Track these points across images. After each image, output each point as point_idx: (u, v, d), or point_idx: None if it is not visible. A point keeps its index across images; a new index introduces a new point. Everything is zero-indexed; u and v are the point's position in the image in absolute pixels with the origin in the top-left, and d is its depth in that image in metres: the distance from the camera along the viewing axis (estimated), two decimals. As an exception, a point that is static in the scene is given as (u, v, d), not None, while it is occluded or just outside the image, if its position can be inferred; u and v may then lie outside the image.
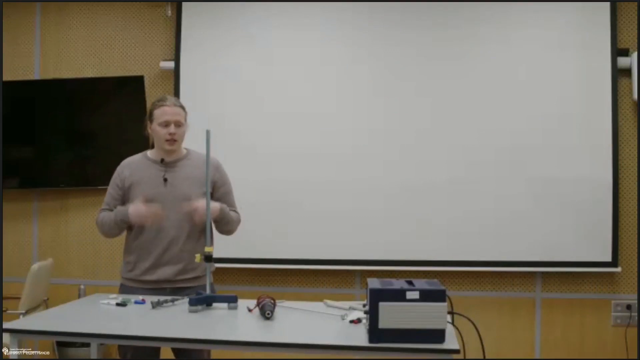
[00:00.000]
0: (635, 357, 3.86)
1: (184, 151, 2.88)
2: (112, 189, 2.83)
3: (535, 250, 3.93)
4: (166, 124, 2.75)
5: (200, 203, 2.64)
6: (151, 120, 2.79)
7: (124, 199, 2.79)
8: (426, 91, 4.03)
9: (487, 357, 2.12)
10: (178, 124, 2.76)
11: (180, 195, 2.72)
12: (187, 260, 2.71)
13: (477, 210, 3.93)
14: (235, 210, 2.86)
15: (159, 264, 2.72)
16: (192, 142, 2.92)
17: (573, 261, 3.92)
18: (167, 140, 2.75)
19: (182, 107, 2.82)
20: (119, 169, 2.86)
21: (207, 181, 2.55)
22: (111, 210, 2.79)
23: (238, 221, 2.86)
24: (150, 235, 2.73)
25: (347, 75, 4.12)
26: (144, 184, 2.77)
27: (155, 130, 2.78)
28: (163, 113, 2.75)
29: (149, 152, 2.88)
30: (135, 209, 2.68)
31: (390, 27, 4.08)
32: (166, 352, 2.77)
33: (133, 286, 2.76)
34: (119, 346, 2.70)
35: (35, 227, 4.53)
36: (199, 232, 2.74)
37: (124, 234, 2.84)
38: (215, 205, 2.69)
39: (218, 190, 2.81)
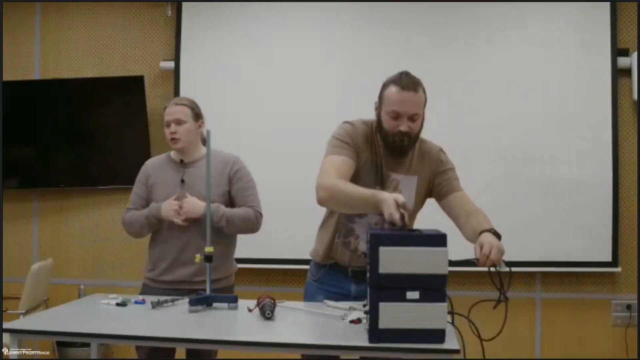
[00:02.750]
0: (635, 357, 3.86)
1: (204, 150, 2.84)
2: (137, 187, 2.84)
3: (535, 250, 3.93)
4: (167, 125, 2.77)
5: (185, 204, 2.65)
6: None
7: (149, 199, 2.80)
8: (426, 91, 4.02)
9: (487, 357, 2.11)
10: (178, 122, 2.76)
11: (197, 195, 2.71)
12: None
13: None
14: (251, 206, 2.79)
15: (176, 264, 2.73)
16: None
17: (573, 261, 3.92)
18: (170, 140, 2.77)
19: (185, 104, 2.82)
20: (143, 168, 2.88)
21: (208, 181, 2.55)
22: (137, 209, 2.80)
23: (249, 218, 2.76)
24: (168, 235, 2.74)
25: (347, 75, 4.12)
26: (163, 185, 2.78)
27: (165, 132, 2.81)
28: (165, 115, 2.80)
29: (172, 154, 2.88)
30: (168, 204, 2.69)
31: (390, 27, 4.08)
32: (181, 352, 2.77)
33: (153, 286, 2.77)
34: (137, 346, 2.71)
35: (35, 227, 4.53)
36: (218, 232, 2.72)
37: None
38: (197, 206, 2.67)
39: (234, 185, 2.77)
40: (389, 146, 2.35)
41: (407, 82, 2.31)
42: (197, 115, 2.84)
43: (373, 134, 2.41)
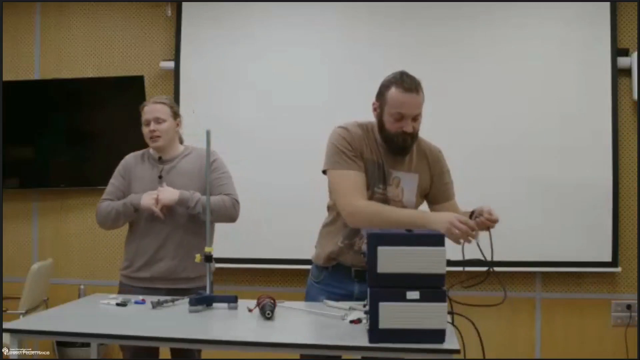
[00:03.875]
0: (635, 357, 3.86)
1: (181, 148, 2.90)
2: (115, 179, 2.86)
3: (535, 250, 3.92)
4: (147, 123, 2.81)
5: (160, 192, 2.66)
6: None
7: (126, 192, 2.81)
8: (425, 91, 4.02)
9: (487, 357, 2.11)
10: (157, 121, 2.79)
11: None
12: (183, 257, 2.72)
13: (477, 210, 3.93)
14: (227, 194, 2.78)
15: (154, 259, 2.74)
16: (193, 142, 2.93)
17: (573, 261, 3.92)
18: (150, 138, 2.80)
19: (165, 103, 2.84)
20: (123, 161, 2.90)
21: (208, 182, 2.55)
22: (112, 200, 2.81)
23: (225, 205, 2.74)
24: (146, 230, 2.75)
25: (347, 75, 4.11)
26: (141, 181, 2.80)
27: (143, 130, 2.84)
28: (144, 113, 2.84)
29: (151, 150, 2.90)
30: (148, 193, 2.70)
31: (390, 27, 4.08)
32: (164, 353, 2.77)
33: (129, 284, 2.78)
34: (120, 345, 2.71)
35: (35, 227, 4.53)
36: (197, 228, 2.74)
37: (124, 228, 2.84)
38: (172, 193, 2.68)
39: (210, 176, 2.78)
40: (392, 146, 2.36)
41: (409, 83, 2.33)
42: (176, 114, 2.88)
43: (370, 135, 2.42)
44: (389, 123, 2.33)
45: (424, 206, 2.56)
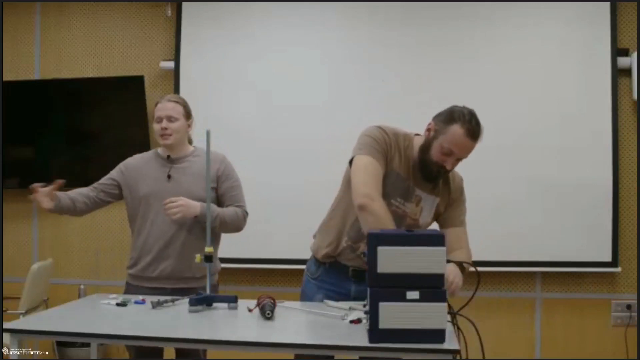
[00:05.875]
0: (635, 357, 3.86)
1: (191, 148, 2.89)
2: (111, 173, 2.88)
3: (535, 250, 3.92)
4: (159, 120, 2.79)
5: (182, 206, 2.63)
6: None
7: (120, 187, 2.83)
8: (426, 91, 4.02)
9: (487, 357, 2.11)
10: (170, 119, 2.78)
11: (183, 191, 2.72)
12: (189, 257, 2.72)
13: (476, 210, 3.92)
14: (239, 206, 2.81)
15: (159, 259, 2.74)
16: (193, 142, 2.93)
17: (573, 261, 3.92)
18: (161, 136, 2.79)
19: (178, 102, 2.83)
20: (130, 159, 2.90)
21: (208, 181, 2.55)
22: (95, 188, 2.85)
23: (238, 218, 2.79)
24: (152, 231, 2.75)
25: (347, 75, 4.11)
26: (149, 180, 2.80)
27: (154, 127, 2.83)
28: (157, 110, 2.81)
29: (159, 150, 2.90)
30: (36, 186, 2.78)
31: (390, 27, 4.08)
32: (169, 352, 2.77)
33: (135, 284, 2.78)
34: (126, 346, 2.72)
35: (35, 227, 4.54)
36: (202, 229, 2.74)
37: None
38: (195, 207, 2.66)
39: (222, 185, 2.80)
40: (425, 172, 2.38)
41: (475, 130, 2.32)
42: (188, 114, 2.87)
43: (406, 148, 2.40)
44: (436, 151, 2.32)
45: (434, 225, 2.57)
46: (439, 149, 2.31)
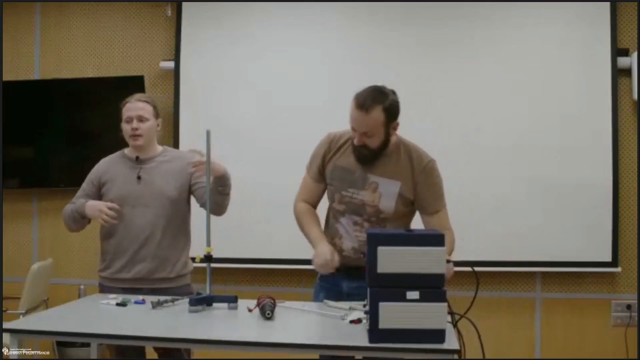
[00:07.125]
0: (635, 357, 3.86)
1: (160, 148, 2.88)
2: (85, 184, 2.87)
3: (535, 250, 3.92)
4: (129, 120, 2.77)
5: (201, 162, 2.58)
6: (120, 120, 2.81)
7: (98, 196, 2.80)
8: (426, 91, 4.03)
9: (487, 357, 2.11)
10: (140, 119, 2.76)
11: (155, 191, 2.73)
12: (163, 258, 2.72)
13: (476, 210, 3.93)
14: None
15: (134, 261, 2.73)
16: (193, 142, 2.92)
17: (573, 261, 3.92)
18: (131, 136, 2.77)
19: (148, 102, 2.82)
20: (96, 166, 2.89)
21: (208, 181, 2.55)
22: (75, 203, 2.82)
23: (228, 199, 2.78)
24: (125, 232, 2.73)
25: (347, 75, 4.11)
26: (119, 182, 2.78)
27: (123, 127, 2.81)
28: (126, 110, 2.79)
29: (126, 150, 2.89)
30: (93, 203, 2.70)
31: (390, 27, 4.08)
32: (150, 353, 2.77)
33: (109, 285, 2.77)
34: (107, 345, 2.71)
35: (35, 227, 4.53)
36: (176, 229, 2.75)
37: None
38: (220, 166, 2.64)
39: (197, 182, 2.77)
40: (356, 154, 2.45)
41: (361, 100, 2.35)
42: (157, 114, 2.85)
43: (352, 142, 2.46)
44: (352, 132, 2.42)
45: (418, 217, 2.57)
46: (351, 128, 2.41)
